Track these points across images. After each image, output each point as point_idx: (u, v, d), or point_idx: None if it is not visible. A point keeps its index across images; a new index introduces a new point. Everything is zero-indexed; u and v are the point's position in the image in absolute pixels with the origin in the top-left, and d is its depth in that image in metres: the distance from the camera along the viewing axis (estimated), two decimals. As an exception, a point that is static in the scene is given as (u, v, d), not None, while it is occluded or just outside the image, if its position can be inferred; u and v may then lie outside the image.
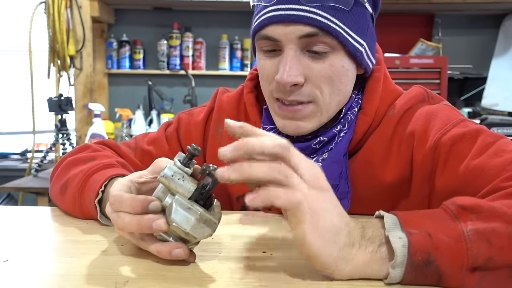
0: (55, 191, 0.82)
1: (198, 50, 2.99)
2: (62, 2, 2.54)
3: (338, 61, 0.73)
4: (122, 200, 0.56)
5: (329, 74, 0.72)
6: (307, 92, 0.73)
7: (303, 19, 0.69)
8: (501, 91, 2.76)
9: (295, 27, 0.70)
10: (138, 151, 0.91)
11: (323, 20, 0.69)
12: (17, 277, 0.53)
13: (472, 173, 0.66)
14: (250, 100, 0.87)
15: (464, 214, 0.49)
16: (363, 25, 0.75)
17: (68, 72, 2.66)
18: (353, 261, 0.49)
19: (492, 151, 0.66)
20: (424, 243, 0.47)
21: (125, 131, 2.76)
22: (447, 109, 0.78)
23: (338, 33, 0.70)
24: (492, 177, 0.62)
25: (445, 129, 0.72)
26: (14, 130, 3.23)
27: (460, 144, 0.70)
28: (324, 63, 0.72)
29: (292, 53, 0.71)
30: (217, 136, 0.89)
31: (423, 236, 0.48)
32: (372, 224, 0.52)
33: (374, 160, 0.79)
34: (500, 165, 0.62)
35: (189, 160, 0.55)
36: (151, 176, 0.61)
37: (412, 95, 0.81)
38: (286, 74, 0.70)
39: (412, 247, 0.47)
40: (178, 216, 0.52)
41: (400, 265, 0.48)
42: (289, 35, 0.70)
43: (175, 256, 0.54)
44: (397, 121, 0.79)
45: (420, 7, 2.85)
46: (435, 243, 0.47)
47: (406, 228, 0.49)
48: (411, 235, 0.48)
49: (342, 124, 0.78)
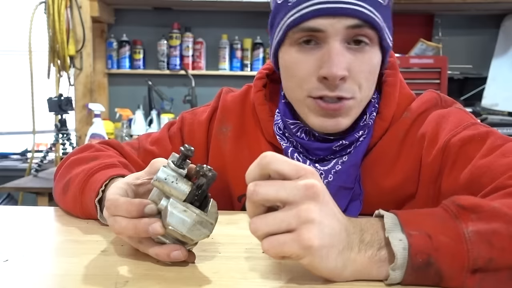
0: (58, 190, 0.83)
1: (198, 50, 2.99)
2: (62, 2, 2.54)
3: (375, 55, 0.73)
4: (118, 204, 0.56)
5: (368, 69, 0.73)
6: (349, 87, 0.72)
7: (352, 12, 0.69)
8: (501, 91, 2.76)
9: (342, 18, 0.69)
10: (141, 151, 0.91)
11: (369, 13, 0.70)
12: (17, 277, 0.53)
13: (478, 171, 0.66)
14: (259, 99, 0.86)
15: (464, 214, 0.49)
16: (391, 23, 0.76)
17: (68, 72, 2.66)
18: (352, 265, 0.49)
19: (500, 152, 0.66)
20: (424, 244, 0.47)
21: (125, 131, 2.76)
22: (459, 112, 0.78)
23: (380, 26, 0.71)
24: (497, 175, 0.61)
25: (455, 131, 0.73)
26: (14, 130, 3.23)
27: (469, 146, 0.70)
28: (364, 56, 0.72)
29: (338, 45, 0.70)
30: (220, 136, 0.89)
31: (423, 238, 0.47)
32: (371, 225, 0.51)
33: (384, 161, 0.79)
34: (507, 165, 0.62)
35: (183, 161, 0.55)
36: (147, 177, 0.61)
37: (426, 99, 0.81)
38: (335, 67, 0.69)
39: (413, 249, 0.47)
40: (174, 219, 0.52)
41: (401, 267, 0.48)
42: (336, 26, 0.69)
43: (174, 259, 0.54)
44: (410, 124, 0.79)
45: (420, 7, 2.85)
46: (436, 245, 0.47)
47: (406, 229, 0.48)
48: (411, 237, 0.47)
49: (363, 129, 0.78)
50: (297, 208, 0.46)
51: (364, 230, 0.51)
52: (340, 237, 0.48)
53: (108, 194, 0.60)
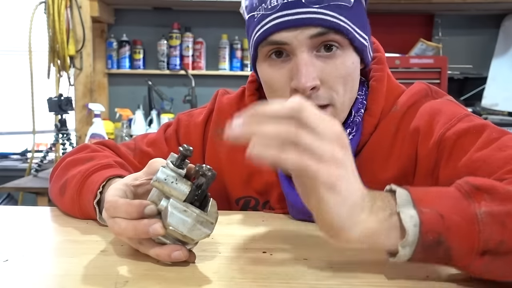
0: (55, 191, 0.82)
1: (198, 50, 2.99)
2: (62, 2, 2.54)
3: (348, 58, 0.73)
4: (117, 205, 0.56)
5: (342, 73, 0.72)
6: (324, 95, 0.72)
7: (313, 21, 0.69)
8: (501, 91, 2.76)
9: (305, 29, 0.69)
10: (137, 152, 0.91)
11: (331, 19, 0.69)
12: (17, 277, 0.53)
13: (474, 164, 0.65)
14: (252, 103, 0.86)
15: (477, 194, 0.48)
16: (364, 20, 0.75)
17: (68, 72, 2.66)
18: (361, 225, 0.47)
19: (496, 146, 0.65)
20: (435, 223, 0.46)
21: (125, 131, 2.76)
22: (451, 104, 0.78)
23: (347, 30, 0.70)
24: (494, 169, 0.61)
25: (450, 124, 0.72)
26: (14, 130, 3.23)
27: (464, 139, 0.70)
28: (335, 62, 0.72)
29: (305, 55, 0.70)
30: (216, 138, 0.89)
31: (435, 216, 0.46)
32: (383, 196, 0.50)
33: (377, 156, 0.79)
34: (503, 159, 0.62)
35: (182, 161, 0.55)
36: (146, 178, 0.61)
37: (415, 91, 0.81)
38: (304, 78, 0.69)
39: (424, 227, 0.46)
40: (174, 219, 0.52)
41: (411, 244, 0.47)
42: (299, 37, 0.69)
43: (175, 259, 0.54)
44: (400, 117, 0.79)
45: (420, 7, 2.85)
46: (447, 224, 0.46)
47: (418, 206, 0.47)
48: (423, 214, 0.46)
49: (351, 127, 0.78)
50: (332, 146, 0.45)
51: (376, 197, 0.49)
52: (357, 195, 0.47)
53: (107, 195, 0.60)
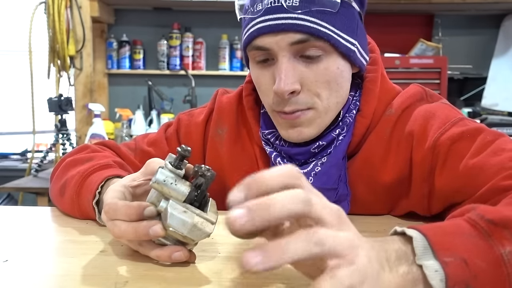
0: (55, 192, 0.82)
1: (198, 50, 2.99)
2: (62, 2, 2.54)
3: (332, 63, 0.72)
4: (117, 208, 0.56)
5: (325, 78, 0.72)
6: (305, 100, 0.73)
7: (293, 27, 0.69)
8: (501, 91, 2.76)
9: (285, 35, 0.69)
10: (138, 152, 0.91)
11: (312, 25, 0.69)
12: (17, 277, 0.52)
13: (471, 172, 0.65)
14: (248, 103, 0.86)
15: (496, 232, 0.45)
16: (353, 25, 0.74)
17: (68, 72, 2.66)
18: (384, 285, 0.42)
19: (491, 150, 0.65)
20: (462, 273, 0.42)
21: (125, 131, 2.76)
22: (446, 108, 0.77)
23: (328, 36, 0.70)
24: (491, 175, 0.61)
25: (444, 128, 0.72)
26: (14, 130, 3.23)
27: (459, 143, 0.69)
28: (318, 67, 0.72)
29: (285, 60, 0.71)
30: (217, 138, 0.89)
31: (459, 265, 0.43)
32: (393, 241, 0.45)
33: (373, 160, 0.79)
34: (499, 164, 0.62)
35: (180, 161, 0.55)
36: (144, 178, 0.61)
37: (410, 94, 0.80)
38: (282, 82, 0.70)
39: (450, 280, 0.42)
40: (174, 220, 0.52)
41: None
42: (280, 43, 0.70)
43: (175, 260, 0.54)
44: (395, 120, 0.78)
45: (420, 7, 2.85)
46: (473, 272, 0.43)
47: (440, 256, 0.43)
48: (447, 266, 0.42)
49: (340, 127, 0.78)
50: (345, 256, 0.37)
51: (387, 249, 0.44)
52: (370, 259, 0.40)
53: (105, 198, 0.60)
